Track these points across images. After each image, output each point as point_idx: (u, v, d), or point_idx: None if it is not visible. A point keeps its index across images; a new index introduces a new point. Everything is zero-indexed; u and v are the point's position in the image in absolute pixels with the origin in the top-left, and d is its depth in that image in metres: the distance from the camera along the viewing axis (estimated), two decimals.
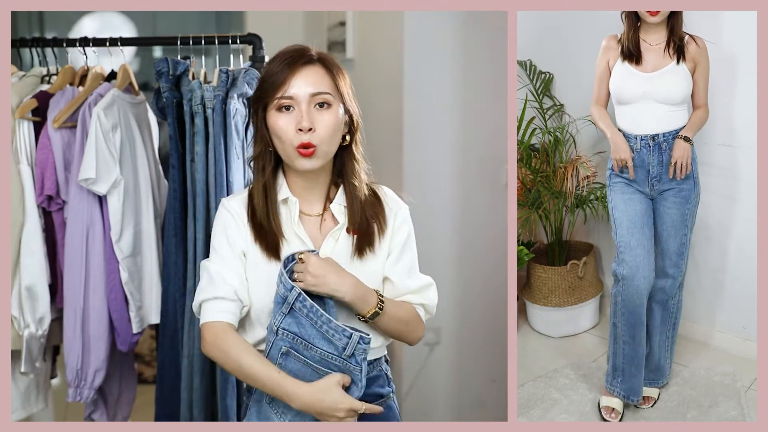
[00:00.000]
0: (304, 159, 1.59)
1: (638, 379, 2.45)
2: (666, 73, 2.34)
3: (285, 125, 1.58)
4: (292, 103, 1.59)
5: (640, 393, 2.49)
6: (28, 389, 2.37)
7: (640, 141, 2.38)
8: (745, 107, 2.61)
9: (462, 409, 3.15)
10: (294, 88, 1.58)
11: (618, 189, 2.43)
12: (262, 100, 1.62)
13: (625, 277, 2.35)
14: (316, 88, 1.59)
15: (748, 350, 2.84)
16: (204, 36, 2.26)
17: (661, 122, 2.37)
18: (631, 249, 2.35)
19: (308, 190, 1.66)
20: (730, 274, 2.88)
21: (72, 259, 2.21)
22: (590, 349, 3.02)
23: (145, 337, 3.67)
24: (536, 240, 3.23)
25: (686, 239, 2.44)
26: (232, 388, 2.16)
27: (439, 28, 2.95)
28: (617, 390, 2.48)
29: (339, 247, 1.65)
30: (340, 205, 1.66)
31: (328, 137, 1.59)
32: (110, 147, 2.18)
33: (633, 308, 2.36)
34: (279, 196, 1.65)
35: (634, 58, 2.35)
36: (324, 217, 1.67)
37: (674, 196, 2.40)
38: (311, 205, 1.67)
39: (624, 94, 2.39)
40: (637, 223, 2.37)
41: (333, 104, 1.61)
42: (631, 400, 2.48)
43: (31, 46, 2.34)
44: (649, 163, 2.39)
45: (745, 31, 2.53)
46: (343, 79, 1.64)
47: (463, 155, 3.04)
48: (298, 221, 1.64)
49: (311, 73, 1.60)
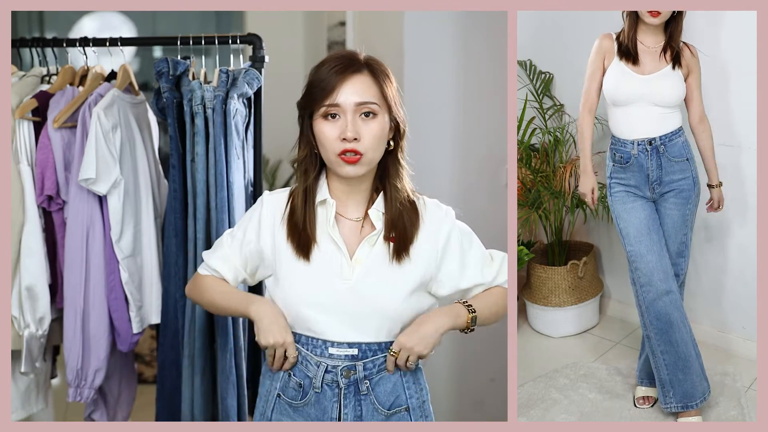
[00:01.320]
0: (348, 166, 1.58)
1: (689, 383, 2.38)
2: (663, 76, 2.33)
3: (330, 133, 1.58)
4: (337, 111, 1.58)
5: (698, 395, 2.40)
6: (28, 389, 2.37)
7: (637, 146, 2.37)
8: (745, 107, 2.61)
9: (462, 408, 3.15)
10: (341, 97, 1.57)
11: (619, 199, 2.42)
12: (308, 106, 1.61)
13: (643, 285, 2.35)
14: (363, 97, 1.58)
15: (748, 350, 2.84)
16: (204, 36, 2.26)
17: (656, 125, 2.35)
18: (641, 257, 2.35)
19: (349, 194, 1.66)
20: (730, 274, 2.88)
21: (72, 259, 2.21)
22: (590, 349, 3.02)
23: (145, 337, 3.67)
24: (536, 240, 3.23)
25: (686, 239, 2.43)
26: (232, 388, 2.16)
27: (439, 28, 2.95)
28: (673, 405, 2.41)
29: (375, 253, 1.64)
30: (379, 211, 1.65)
31: (373, 146, 1.59)
32: (110, 147, 2.18)
33: (659, 313, 2.34)
34: (318, 197, 1.65)
35: (632, 58, 2.34)
36: (363, 223, 1.66)
37: (675, 197, 2.40)
38: (351, 210, 1.67)
39: (619, 96, 2.37)
40: (643, 231, 2.36)
41: (379, 113, 1.60)
42: (692, 406, 2.41)
43: (31, 46, 2.34)
44: (648, 167, 2.38)
45: (745, 30, 2.53)
46: (390, 87, 1.63)
47: (463, 155, 3.04)
48: (334, 224, 1.64)
49: (358, 81, 1.59)
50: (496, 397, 3.05)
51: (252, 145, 2.29)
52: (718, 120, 2.71)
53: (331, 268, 1.62)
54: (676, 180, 2.38)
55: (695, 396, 2.40)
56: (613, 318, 3.27)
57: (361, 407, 1.63)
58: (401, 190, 1.66)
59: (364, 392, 1.62)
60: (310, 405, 1.64)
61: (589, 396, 2.66)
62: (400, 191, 1.66)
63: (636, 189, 2.41)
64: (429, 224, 1.69)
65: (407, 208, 1.67)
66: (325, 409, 1.63)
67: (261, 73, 2.25)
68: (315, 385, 1.62)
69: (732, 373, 2.73)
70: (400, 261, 1.64)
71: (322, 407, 1.63)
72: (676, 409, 2.41)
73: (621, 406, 2.59)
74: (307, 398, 1.63)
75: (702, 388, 2.42)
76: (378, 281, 1.62)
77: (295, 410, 1.65)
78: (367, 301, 1.61)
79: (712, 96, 2.71)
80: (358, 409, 1.63)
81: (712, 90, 2.67)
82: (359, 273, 1.62)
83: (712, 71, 2.62)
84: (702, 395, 2.42)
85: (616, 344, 3.05)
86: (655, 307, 2.34)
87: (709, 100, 2.67)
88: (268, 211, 1.68)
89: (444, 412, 3.13)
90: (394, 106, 1.63)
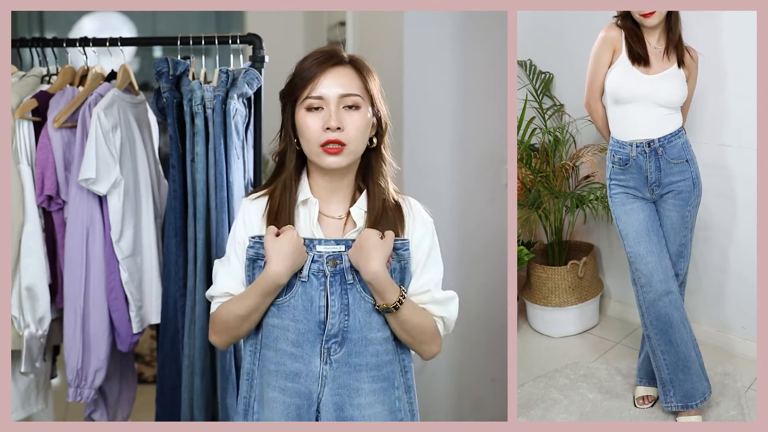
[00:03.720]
0: (330, 156, 1.58)
1: (690, 383, 2.40)
2: (668, 76, 2.32)
3: (312, 124, 1.58)
4: (321, 104, 1.58)
5: (698, 395, 2.42)
6: (28, 389, 2.37)
7: (636, 148, 2.36)
8: (745, 107, 2.61)
9: (462, 409, 3.15)
10: (324, 88, 1.58)
11: (618, 201, 2.42)
12: (290, 95, 1.62)
13: (643, 285, 2.36)
14: (346, 89, 1.59)
15: (748, 350, 2.84)
16: (204, 36, 2.26)
17: (656, 126, 2.34)
18: (641, 258, 2.36)
19: (331, 192, 1.65)
20: (730, 274, 2.88)
21: (72, 259, 2.21)
22: (590, 349, 3.03)
23: (145, 337, 3.67)
24: (536, 240, 3.24)
25: (686, 240, 2.42)
26: (232, 388, 2.16)
27: (439, 28, 2.95)
28: (674, 404, 2.42)
29: None
30: (361, 209, 1.65)
31: (356, 137, 1.59)
32: (110, 147, 2.18)
33: (659, 314, 2.35)
34: (299, 197, 1.64)
35: (643, 61, 2.30)
36: (346, 221, 1.66)
37: (674, 198, 2.39)
38: (334, 208, 1.66)
39: (623, 94, 2.35)
40: (642, 232, 2.37)
41: (362, 106, 1.60)
42: (692, 406, 2.42)
43: (31, 46, 2.34)
44: (647, 169, 2.37)
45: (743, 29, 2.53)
46: (374, 81, 1.64)
47: (463, 155, 3.04)
48: (317, 223, 1.64)
49: (341, 74, 1.60)
50: (496, 397, 3.05)
51: (252, 145, 2.29)
52: (718, 120, 2.72)
53: None
54: (675, 181, 2.38)
55: (695, 396, 2.41)
56: (613, 318, 3.27)
57: (348, 296, 1.61)
58: (385, 189, 1.66)
59: (350, 281, 1.61)
60: (297, 296, 1.61)
61: (589, 396, 2.66)
62: (384, 190, 1.66)
63: (635, 190, 2.40)
64: (411, 222, 1.68)
65: (391, 206, 1.66)
66: (312, 298, 1.60)
67: (261, 73, 2.25)
68: (302, 275, 1.60)
69: (732, 373, 2.73)
70: None
71: (309, 296, 1.60)
72: (677, 408, 2.42)
73: (621, 406, 2.59)
74: (293, 291, 1.61)
75: (702, 388, 2.42)
76: None
77: (281, 308, 1.61)
78: None
79: (711, 96, 2.71)
80: (345, 298, 1.61)
81: (712, 90, 2.67)
82: None
83: (711, 71, 2.62)
84: (702, 395, 2.42)
85: (616, 344, 3.05)
86: (656, 307, 2.35)
87: (708, 99, 2.68)
88: (251, 214, 1.66)
89: (444, 412, 3.13)
90: (377, 101, 1.64)
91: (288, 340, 1.62)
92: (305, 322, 1.61)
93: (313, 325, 1.61)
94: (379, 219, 1.63)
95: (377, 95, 1.64)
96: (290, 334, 1.61)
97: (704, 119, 2.76)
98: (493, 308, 3.08)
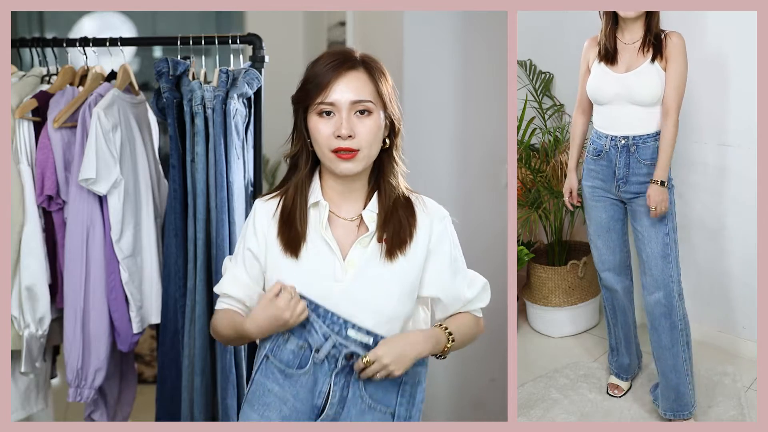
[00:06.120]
0: (344, 162, 1.58)
1: (625, 359, 2.67)
2: (638, 73, 2.28)
3: (324, 130, 1.58)
4: (332, 109, 1.58)
5: (630, 373, 2.70)
6: (28, 389, 2.37)
7: (609, 141, 2.37)
8: (745, 107, 2.61)
9: (462, 408, 3.15)
10: (336, 94, 1.57)
11: (588, 194, 2.50)
12: (303, 101, 1.61)
13: (598, 270, 2.57)
14: (358, 95, 1.58)
15: (748, 350, 2.84)
16: (204, 36, 2.26)
17: (634, 125, 2.33)
18: (597, 249, 2.54)
19: (343, 194, 1.65)
20: (730, 275, 2.88)
21: (72, 259, 2.21)
22: (590, 349, 3.03)
23: (146, 337, 3.67)
24: (536, 240, 3.24)
25: (669, 240, 2.35)
26: (232, 388, 2.16)
27: (439, 28, 2.95)
28: (613, 367, 2.72)
29: (368, 254, 1.63)
30: (372, 212, 1.64)
31: (368, 142, 1.58)
32: (110, 147, 2.18)
33: (608, 295, 2.62)
34: (310, 199, 1.64)
35: (610, 57, 2.32)
36: (359, 223, 1.65)
37: (644, 199, 2.33)
38: (346, 210, 1.65)
39: (600, 96, 2.38)
40: (602, 228, 2.51)
41: (374, 111, 1.59)
42: (622, 377, 2.70)
43: (31, 46, 2.34)
44: (616, 164, 2.37)
45: (737, 28, 2.53)
46: (386, 84, 1.62)
47: (463, 155, 3.04)
48: (327, 225, 1.63)
49: (354, 79, 1.59)
50: (496, 397, 3.05)
51: (252, 145, 2.29)
52: (718, 120, 2.72)
53: (324, 268, 1.61)
54: (642, 182, 2.34)
55: (627, 372, 2.69)
56: None
57: (349, 389, 1.60)
58: (396, 186, 1.66)
59: (356, 378, 1.60)
60: (306, 374, 1.60)
61: (589, 396, 2.66)
62: (395, 188, 1.65)
63: (602, 184, 2.43)
64: (426, 220, 1.68)
65: (402, 204, 1.65)
66: (317, 382, 1.60)
67: (261, 73, 2.25)
68: (318, 357, 1.59)
69: (732, 373, 2.74)
70: (392, 261, 1.62)
71: (315, 379, 1.60)
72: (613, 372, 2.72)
73: (621, 406, 2.59)
74: (306, 368, 1.60)
75: (634, 365, 2.71)
76: (371, 283, 1.61)
77: (287, 377, 1.60)
78: (362, 305, 1.60)
79: (711, 95, 2.71)
80: (346, 390, 1.60)
81: (712, 89, 2.67)
82: (352, 274, 1.61)
83: (704, 70, 2.61)
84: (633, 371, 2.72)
85: None
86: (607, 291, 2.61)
87: (708, 99, 2.68)
88: (262, 215, 1.66)
89: (444, 412, 3.13)
90: (390, 104, 1.63)
91: (280, 414, 1.60)
92: (304, 402, 1.60)
93: (309, 408, 1.60)
94: (389, 218, 1.63)
95: (389, 98, 1.62)
96: (285, 408, 1.60)
97: (704, 119, 2.76)
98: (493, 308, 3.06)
